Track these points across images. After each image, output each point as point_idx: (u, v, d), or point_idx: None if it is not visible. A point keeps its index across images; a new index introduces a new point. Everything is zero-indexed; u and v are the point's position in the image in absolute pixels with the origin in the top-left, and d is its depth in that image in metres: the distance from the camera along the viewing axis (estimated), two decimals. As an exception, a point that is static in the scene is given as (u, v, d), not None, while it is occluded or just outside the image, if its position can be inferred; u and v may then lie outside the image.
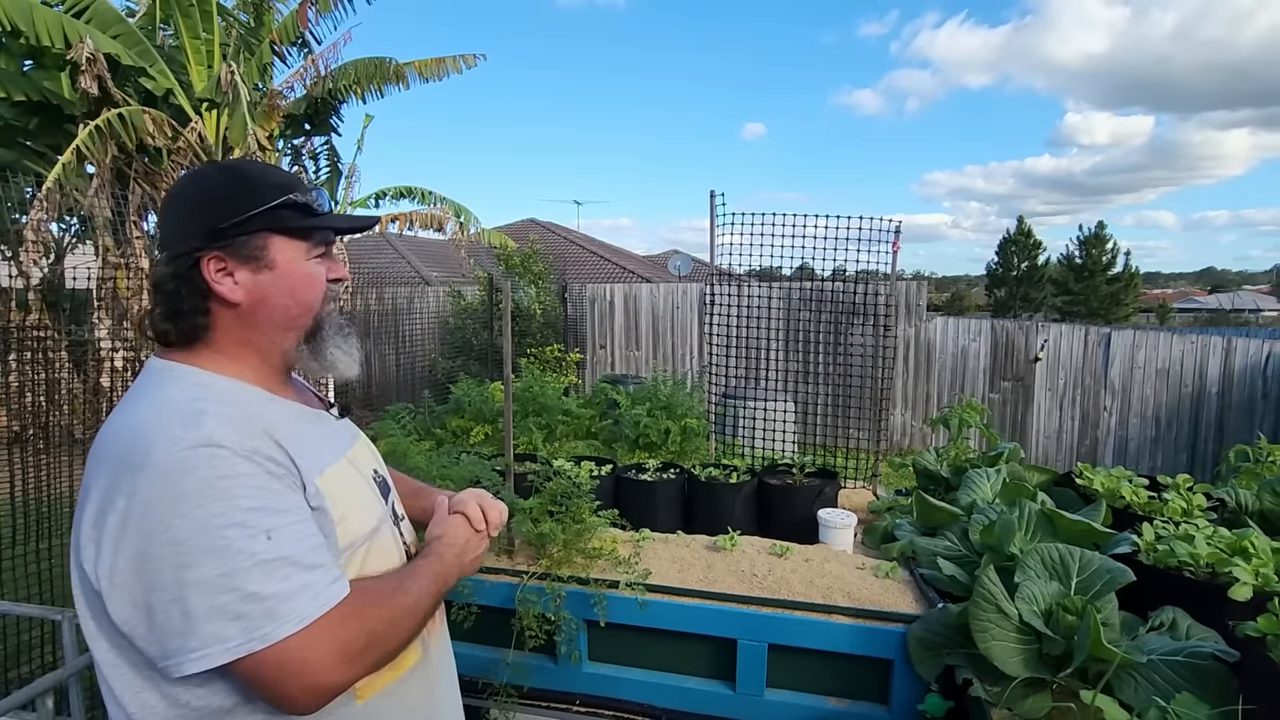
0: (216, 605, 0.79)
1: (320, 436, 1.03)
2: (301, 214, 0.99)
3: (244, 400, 0.95)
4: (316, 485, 0.93)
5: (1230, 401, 7.37)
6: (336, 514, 0.95)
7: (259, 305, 0.97)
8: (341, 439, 1.10)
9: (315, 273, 1.01)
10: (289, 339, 1.01)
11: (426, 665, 1.10)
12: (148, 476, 0.80)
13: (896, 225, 3.21)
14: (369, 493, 1.07)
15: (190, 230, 0.95)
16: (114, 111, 5.48)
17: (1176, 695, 1.36)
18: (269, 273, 0.97)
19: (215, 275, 0.94)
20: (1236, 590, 1.54)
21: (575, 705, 2.02)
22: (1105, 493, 2.34)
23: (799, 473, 2.68)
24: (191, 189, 1.01)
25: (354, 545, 0.97)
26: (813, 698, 1.90)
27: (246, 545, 0.80)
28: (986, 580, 1.64)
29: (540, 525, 2.04)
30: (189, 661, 0.79)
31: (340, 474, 1.01)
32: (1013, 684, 1.54)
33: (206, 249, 0.94)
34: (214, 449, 0.83)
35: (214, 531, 0.80)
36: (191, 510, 0.79)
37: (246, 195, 0.96)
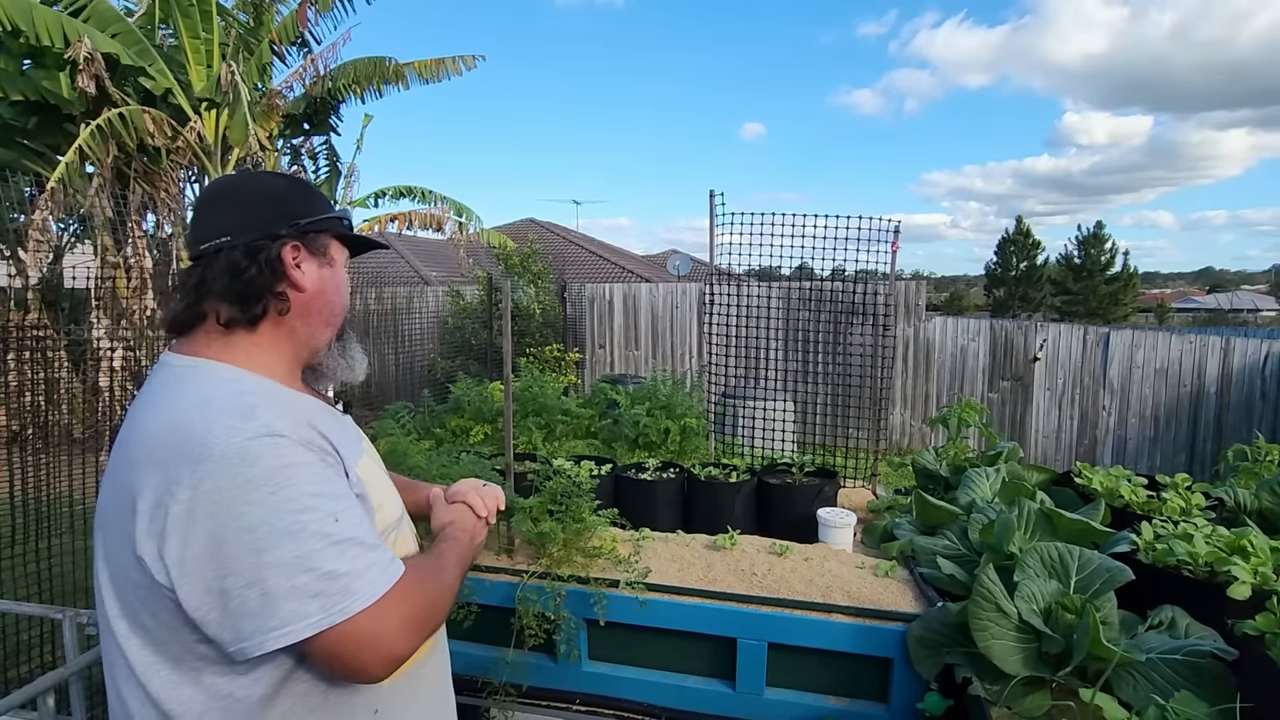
0: (296, 585, 0.81)
1: (343, 430, 1.06)
2: (341, 225, 1.10)
3: (279, 393, 0.97)
4: (357, 474, 0.98)
5: (1228, 401, 7.38)
6: (375, 501, 1.01)
7: (317, 296, 1.04)
8: (357, 433, 1.15)
9: (345, 279, 1.12)
10: (326, 334, 1.09)
11: (437, 649, 1.15)
12: (211, 466, 0.81)
13: (896, 225, 3.21)
14: (389, 485, 1.13)
15: (273, 218, 1.01)
16: (115, 111, 5.48)
17: (1175, 693, 1.36)
18: (329, 269, 1.07)
19: (293, 266, 1.01)
20: (1235, 589, 1.54)
21: (575, 704, 2.02)
22: (1104, 492, 2.35)
23: (798, 472, 2.69)
24: (263, 186, 1.06)
25: (387, 530, 1.04)
26: (812, 696, 1.90)
27: (319, 527, 0.84)
28: (986, 579, 1.64)
29: (540, 524, 2.04)
30: (271, 639, 0.81)
31: (368, 465, 1.06)
32: (1012, 682, 1.55)
33: (289, 237, 1.01)
34: (276, 438, 0.85)
35: (287, 516, 0.82)
36: (263, 497, 0.82)
37: (319, 199, 1.09)
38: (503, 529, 2.19)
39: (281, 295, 1.00)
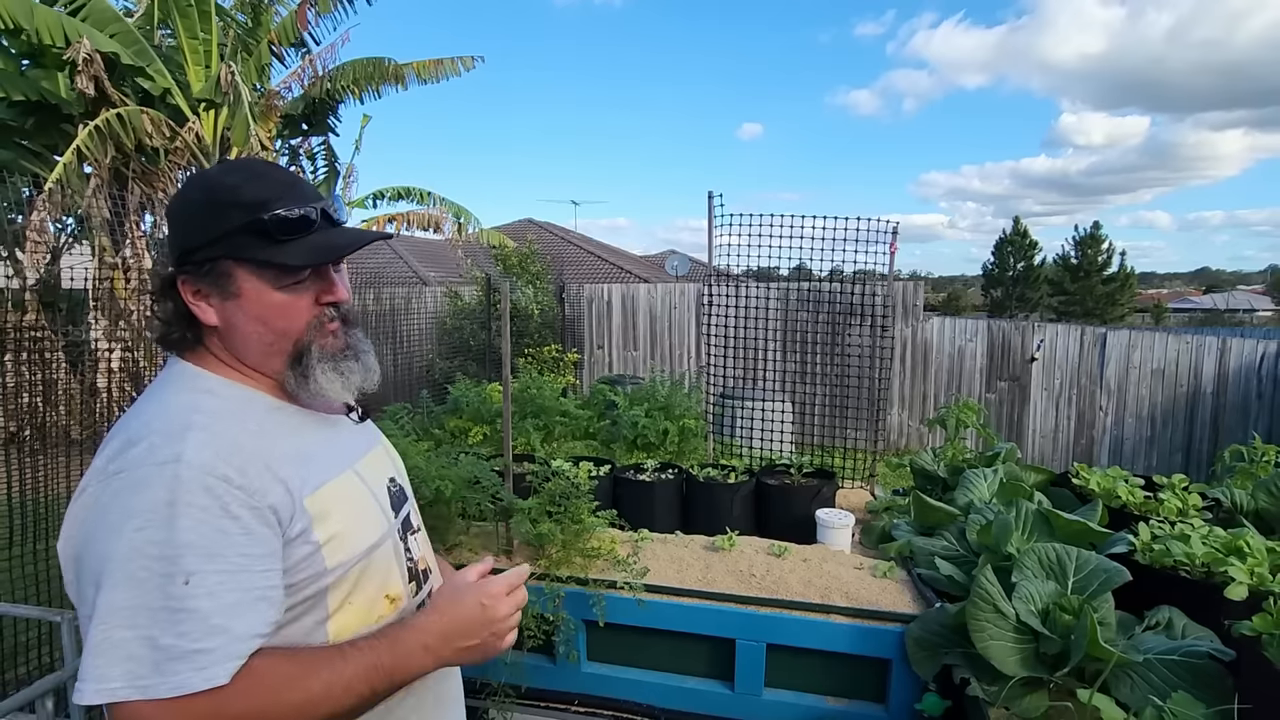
0: (114, 639, 0.76)
1: (325, 447, 0.99)
2: (266, 240, 0.90)
3: (243, 413, 0.92)
4: (304, 506, 0.89)
5: (1225, 402, 7.40)
6: (322, 535, 0.90)
7: (232, 330, 0.93)
8: (353, 447, 1.06)
9: (290, 302, 0.94)
10: (273, 363, 0.96)
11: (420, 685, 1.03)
12: (115, 481, 0.81)
13: (894, 227, 3.22)
14: (372, 509, 1.01)
15: (172, 249, 0.93)
16: (113, 112, 5.47)
17: (1173, 694, 1.37)
18: (235, 301, 0.92)
19: (192, 298, 0.92)
20: (1232, 590, 1.55)
21: (574, 705, 2.02)
22: (1101, 493, 2.36)
23: (797, 473, 2.69)
24: (176, 204, 0.96)
25: (345, 564, 0.93)
26: (811, 697, 1.91)
27: (164, 584, 0.77)
28: (984, 580, 1.65)
29: (539, 525, 2.04)
30: (79, 693, 0.76)
31: (340, 491, 0.97)
32: (1010, 683, 1.55)
33: (180, 272, 0.92)
34: (178, 468, 0.80)
35: (141, 559, 0.77)
36: (130, 530, 0.78)
37: (211, 218, 0.90)
38: (501, 530, 2.19)
39: (200, 326, 0.94)
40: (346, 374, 0.99)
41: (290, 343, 0.95)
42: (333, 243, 0.96)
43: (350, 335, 1.01)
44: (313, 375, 0.96)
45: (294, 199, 0.93)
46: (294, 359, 0.95)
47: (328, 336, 0.98)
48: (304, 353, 0.96)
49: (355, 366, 1.00)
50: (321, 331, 0.97)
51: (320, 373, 0.96)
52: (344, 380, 0.99)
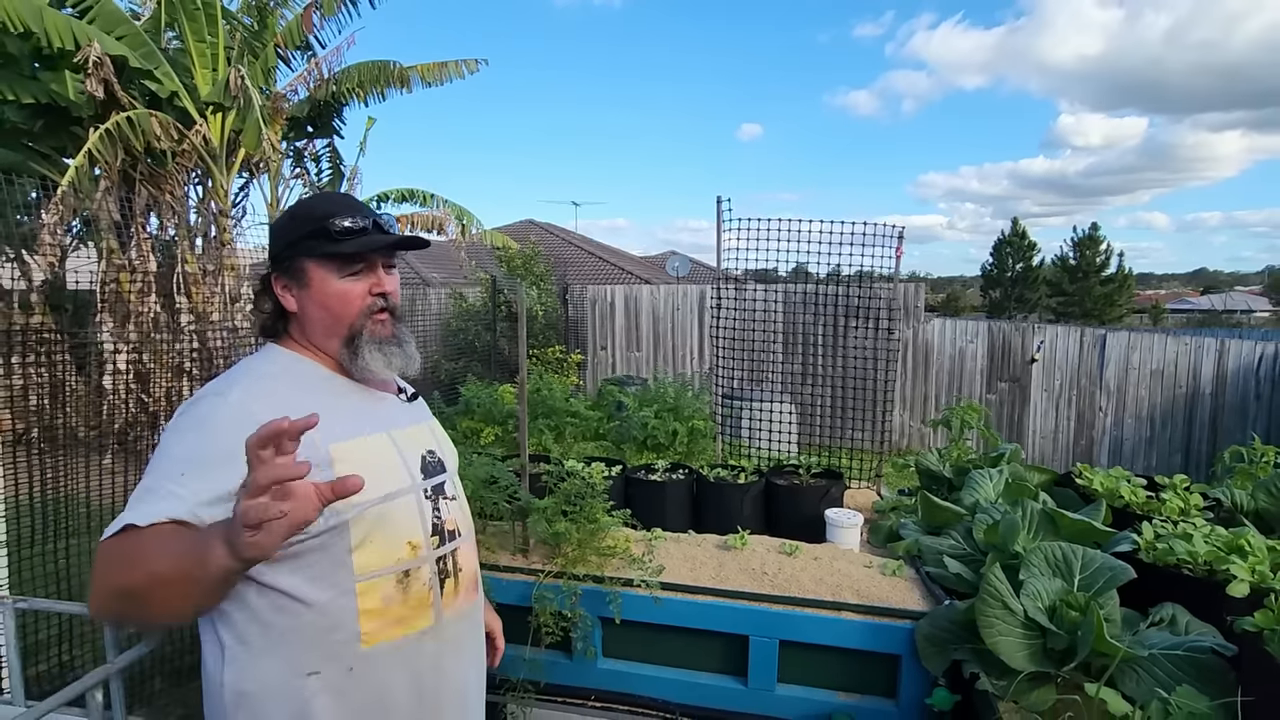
0: (135, 496, 1.01)
1: (365, 412, 1.22)
2: (329, 241, 1.17)
3: (293, 377, 1.19)
4: (328, 450, 1.10)
5: (1224, 402, 7.46)
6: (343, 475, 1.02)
7: (303, 314, 1.21)
8: (393, 418, 1.27)
9: (347, 290, 1.19)
10: (332, 343, 1.21)
11: (439, 634, 1.20)
12: (188, 406, 1.12)
13: (900, 231, 3.27)
14: (396, 466, 1.21)
15: (269, 257, 1.24)
16: (123, 115, 5.51)
17: (1177, 688, 1.41)
18: (306, 290, 1.20)
19: (280, 290, 1.22)
20: (1234, 587, 1.59)
21: (590, 700, 2.07)
22: (1105, 493, 2.41)
23: (805, 473, 2.74)
24: (275, 223, 1.27)
25: (361, 505, 1.10)
26: (823, 692, 1.95)
27: (166, 469, 1.02)
28: (993, 577, 1.69)
29: (555, 525, 2.08)
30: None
31: (369, 446, 1.18)
32: (1018, 678, 1.59)
33: (272, 271, 1.23)
34: (221, 400, 1.09)
35: (164, 452, 1.05)
36: (176, 434, 1.07)
37: (292, 229, 1.21)
38: (518, 529, 2.24)
39: (284, 313, 1.24)
40: (389, 356, 1.22)
41: (345, 326, 1.20)
42: (379, 241, 1.21)
43: (396, 326, 1.26)
44: (361, 354, 1.20)
45: (352, 212, 1.20)
46: (348, 340, 1.20)
47: (377, 324, 1.22)
48: (356, 335, 1.20)
49: (397, 351, 1.24)
50: (371, 319, 1.21)
51: (368, 352, 1.20)
52: (386, 360, 1.22)
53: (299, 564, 1.08)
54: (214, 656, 1.11)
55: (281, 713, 1.09)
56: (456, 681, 1.25)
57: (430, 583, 1.20)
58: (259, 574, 1.06)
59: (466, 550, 1.31)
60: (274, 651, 1.08)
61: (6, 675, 1.62)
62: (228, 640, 1.09)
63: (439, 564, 1.22)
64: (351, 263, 1.19)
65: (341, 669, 1.10)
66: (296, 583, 1.08)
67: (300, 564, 1.08)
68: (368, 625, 1.11)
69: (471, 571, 1.32)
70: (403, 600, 1.15)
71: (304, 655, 1.09)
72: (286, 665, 1.08)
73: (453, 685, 1.24)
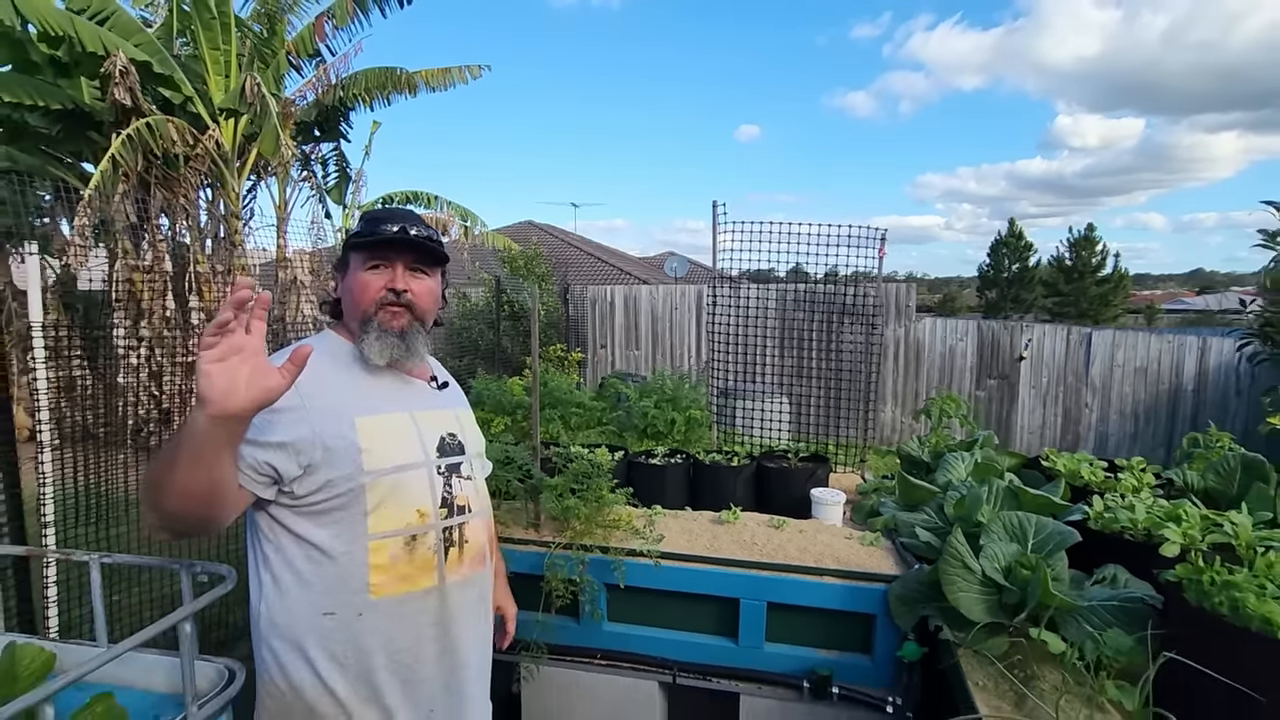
0: None
1: (390, 392, 1.41)
2: (361, 237, 1.39)
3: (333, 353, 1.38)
4: (354, 421, 1.30)
5: (1205, 399, 7.69)
6: (364, 445, 1.30)
7: (343, 300, 1.45)
8: (418, 401, 1.45)
9: (367, 280, 1.38)
10: (354, 326, 1.41)
11: (441, 597, 1.40)
12: None
13: (882, 234, 3.49)
14: (412, 442, 1.39)
15: None
16: (143, 120, 5.71)
17: (1106, 630, 1.63)
18: (345, 278, 1.44)
19: (334, 277, 1.50)
20: (1166, 548, 1.80)
21: (597, 659, 2.28)
22: (1067, 473, 2.62)
23: (794, 457, 2.95)
24: None
25: (377, 472, 1.30)
26: (806, 650, 2.16)
27: None
28: (955, 541, 1.91)
29: (565, 500, 2.29)
30: None
31: (390, 422, 1.37)
32: (976, 628, 1.81)
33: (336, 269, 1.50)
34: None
35: None
36: None
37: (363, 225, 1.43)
38: (530, 506, 2.45)
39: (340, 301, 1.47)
40: (384, 344, 1.37)
41: (361, 311, 1.38)
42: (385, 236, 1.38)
43: (411, 324, 1.41)
44: (366, 338, 1.37)
45: (393, 220, 1.40)
46: (362, 324, 1.38)
47: (389, 315, 1.38)
48: (368, 322, 1.38)
49: (394, 342, 1.38)
50: (384, 309, 1.38)
51: (369, 339, 1.37)
52: (380, 348, 1.37)
53: (327, 520, 1.30)
54: (256, 594, 1.34)
55: (303, 642, 1.30)
56: (456, 641, 1.43)
57: (435, 548, 1.38)
58: (295, 526, 1.29)
59: (476, 526, 1.48)
60: (300, 593, 1.30)
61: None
62: (266, 581, 1.32)
63: (445, 533, 1.40)
64: (374, 258, 1.39)
65: (352, 613, 1.31)
66: (323, 537, 1.30)
67: (328, 520, 1.30)
68: (376, 578, 1.31)
69: (478, 545, 1.48)
70: (408, 560, 1.35)
71: (323, 598, 1.30)
72: (309, 605, 1.30)
73: (452, 644, 1.42)
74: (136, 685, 1.56)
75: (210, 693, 1.45)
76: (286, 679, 1.32)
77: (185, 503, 1.09)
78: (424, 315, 1.44)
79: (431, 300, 1.45)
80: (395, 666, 1.35)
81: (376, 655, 1.33)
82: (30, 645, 1.26)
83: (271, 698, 1.35)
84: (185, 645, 1.37)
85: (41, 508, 2.72)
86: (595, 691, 2.28)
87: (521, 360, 7.07)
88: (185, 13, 6.64)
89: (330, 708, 1.32)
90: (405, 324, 1.40)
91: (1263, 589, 1.40)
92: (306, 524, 1.30)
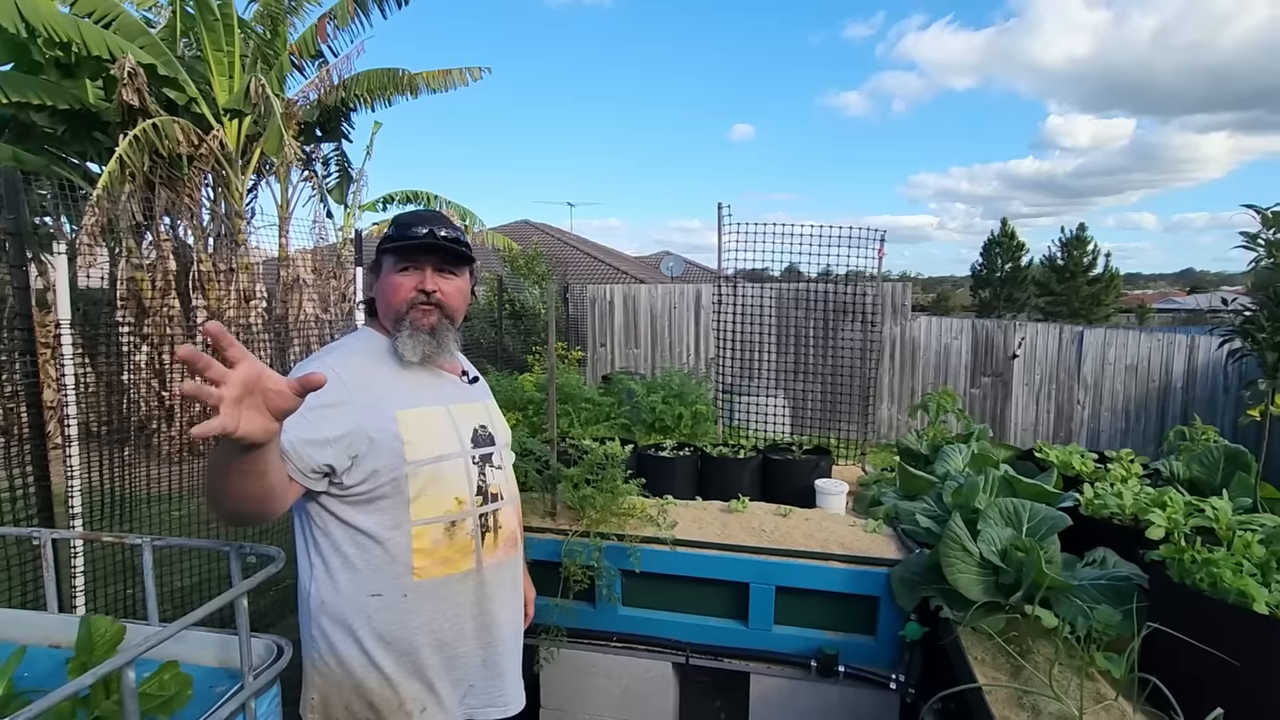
0: None
1: (426, 387, 1.49)
2: (392, 241, 1.46)
3: (371, 351, 1.47)
4: (395, 414, 1.38)
5: (1194, 395, 7.86)
6: (406, 437, 1.39)
7: (377, 300, 1.52)
8: (452, 395, 1.53)
9: (400, 282, 1.45)
10: (389, 324, 1.48)
11: (479, 579, 1.50)
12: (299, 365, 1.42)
13: (881, 235, 3.61)
14: (449, 434, 1.47)
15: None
16: (149, 121, 5.78)
17: (1096, 607, 1.74)
18: (379, 279, 1.50)
19: (369, 278, 1.56)
20: (1151, 531, 1.92)
21: (613, 641, 2.38)
22: (1059, 464, 2.74)
23: (798, 450, 3.06)
24: None
25: (419, 462, 1.39)
26: (813, 631, 2.27)
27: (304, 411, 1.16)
28: (954, 525, 2.02)
29: (581, 490, 2.39)
30: None
31: (428, 415, 1.45)
32: (974, 607, 1.92)
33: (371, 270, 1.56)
34: (316, 363, 1.40)
35: None
36: None
37: (394, 228, 1.49)
38: (547, 496, 2.55)
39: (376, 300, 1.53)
40: (416, 342, 1.45)
41: (394, 311, 1.46)
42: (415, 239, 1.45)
43: (441, 321, 1.48)
44: (400, 336, 1.45)
45: (421, 223, 1.46)
46: (395, 324, 1.46)
47: (419, 314, 1.45)
48: (400, 321, 1.45)
49: (426, 339, 1.46)
50: (415, 309, 1.45)
51: (403, 337, 1.45)
52: (414, 346, 1.45)
53: (372, 508, 1.39)
54: (306, 576, 1.43)
55: (351, 621, 1.39)
56: (493, 619, 1.53)
57: (473, 534, 1.48)
58: (343, 514, 1.38)
59: (508, 512, 1.58)
60: (349, 576, 1.39)
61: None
62: (317, 564, 1.41)
63: (481, 519, 1.50)
64: (404, 260, 1.45)
65: (397, 594, 1.40)
66: (371, 523, 1.38)
67: (373, 508, 1.38)
68: (419, 562, 1.41)
69: (511, 531, 1.59)
70: (449, 545, 1.45)
71: (370, 580, 1.39)
72: (357, 587, 1.39)
73: (490, 622, 1.52)
74: (186, 660, 1.65)
75: (261, 665, 1.54)
76: (335, 656, 1.42)
77: (243, 505, 1.17)
78: (454, 313, 1.51)
79: (460, 298, 1.53)
80: (437, 644, 1.45)
81: (419, 634, 1.43)
82: (103, 619, 1.35)
83: (320, 674, 1.44)
84: (241, 619, 1.46)
85: (70, 499, 2.80)
86: (611, 672, 2.38)
87: (524, 358, 7.16)
88: (189, 14, 6.69)
89: (376, 682, 1.42)
90: (435, 322, 1.47)
91: (1239, 566, 1.52)
92: (354, 512, 1.39)
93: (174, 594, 3.36)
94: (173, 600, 3.29)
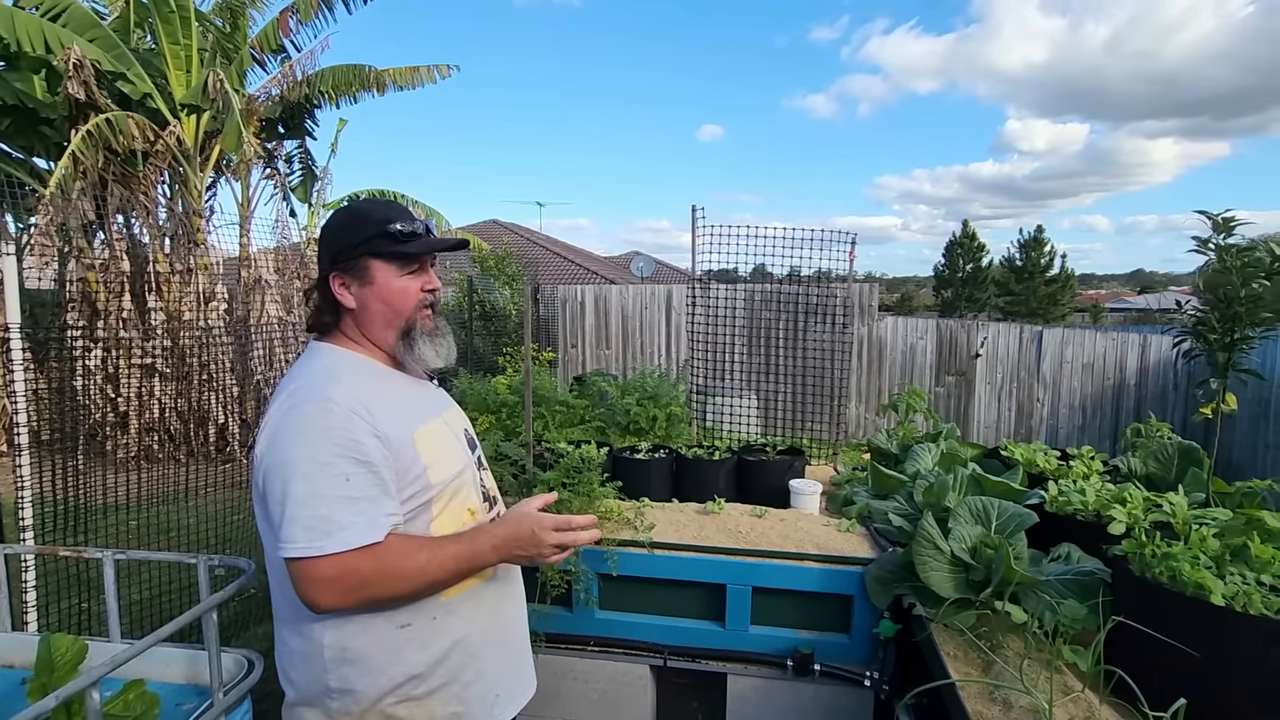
0: (297, 516, 1.13)
1: (422, 400, 1.39)
2: (394, 242, 1.30)
3: (365, 371, 1.32)
4: (413, 438, 1.27)
5: (1146, 393, 8.16)
6: (428, 460, 1.29)
7: (364, 310, 1.33)
8: (438, 403, 1.45)
9: (406, 286, 1.34)
10: (389, 335, 1.35)
11: (496, 584, 1.44)
12: (291, 413, 1.20)
13: (853, 238, 3.66)
14: (457, 445, 1.41)
15: (324, 258, 1.34)
16: (101, 116, 5.56)
17: (1063, 601, 1.80)
18: (370, 287, 1.32)
19: (338, 289, 1.33)
20: (1113, 527, 1.98)
21: (590, 645, 2.37)
22: (1024, 461, 2.82)
23: (772, 451, 3.09)
24: (330, 224, 1.38)
25: (443, 483, 1.31)
26: (789, 630, 2.29)
27: (330, 480, 1.14)
28: (926, 524, 2.06)
29: (558, 494, 2.38)
30: (280, 550, 1.15)
31: (435, 430, 1.35)
32: (946, 604, 1.96)
33: (332, 270, 1.33)
34: (330, 404, 1.19)
35: (311, 464, 1.15)
36: (303, 443, 1.16)
37: (356, 230, 1.32)
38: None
39: (340, 309, 1.35)
40: (439, 347, 1.38)
41: (403, 320, 1.34)
42: (438, 244, 1.38)
43: (438, 321, 1.40)
44: (416, 346, 1.35)
45: (408, 217, 1.35)
46: (404, 332, 1.34)
47: (425, 318, 1.36)
48: (411, 328, 1.35)
49: (445, 342, 1.40)
50: (422, 314, 1.36)
51: (423, 344, 1.36)
52: (436, 351, 1.38)
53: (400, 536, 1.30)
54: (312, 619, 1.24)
55: (380, 660, 1.26)
56: (507, 622, 1.48)
57: None
58: None
59: (502, 508, 1.54)
60: (374, 613, 1.25)
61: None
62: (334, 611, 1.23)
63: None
64: (410, 262, 1.33)
65: (427, 619, 1.29)
66: None
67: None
68: None
69: None
70: None
71: (399, 613, 1.26)
72: (385, 620, 1.26)
73: (505, 624, 1.48)
74: (152, 677, 1.59)
75: (232, 681, 1.50)
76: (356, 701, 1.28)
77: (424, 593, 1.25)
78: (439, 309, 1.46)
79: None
80: (465, 659, 1.37)
81: (451, 653, 1.34)
82: (63, 636, 1.29)
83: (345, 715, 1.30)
84: (210, 634, 1.41)
85: (20, 510, 2.68)
86: (589, 676, 2.37)
87: (494, 360, 7.09)
88: (143, 6, 6.46)
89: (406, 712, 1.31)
90: (438, 322, 1.40)
91: (1196, 560, 1.58)
92: None
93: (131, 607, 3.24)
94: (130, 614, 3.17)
